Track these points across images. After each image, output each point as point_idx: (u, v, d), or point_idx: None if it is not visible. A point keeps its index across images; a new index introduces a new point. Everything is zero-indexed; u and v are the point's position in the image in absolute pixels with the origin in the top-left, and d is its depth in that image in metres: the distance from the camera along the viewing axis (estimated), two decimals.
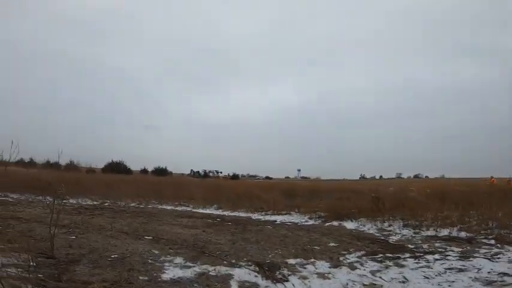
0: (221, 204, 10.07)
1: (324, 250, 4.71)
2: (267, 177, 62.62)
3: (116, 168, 30.13)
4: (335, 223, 7.20)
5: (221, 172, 47.52)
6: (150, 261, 3.60)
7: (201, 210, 8.91)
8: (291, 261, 4.08)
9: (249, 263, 3.84)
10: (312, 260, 4.15)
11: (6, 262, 2.57)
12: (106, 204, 9.33)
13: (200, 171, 46.78)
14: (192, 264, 3.63)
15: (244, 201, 10.84)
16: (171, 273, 3.28)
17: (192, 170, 46.86)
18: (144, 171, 37.89)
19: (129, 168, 33.41)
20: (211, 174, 45.67)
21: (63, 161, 32.91)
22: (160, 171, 38.08)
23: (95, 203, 9.43)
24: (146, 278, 3.03)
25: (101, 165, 32.93)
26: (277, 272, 3.59)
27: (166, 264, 3.54)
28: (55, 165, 33.03)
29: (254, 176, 67.21)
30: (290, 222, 7.50)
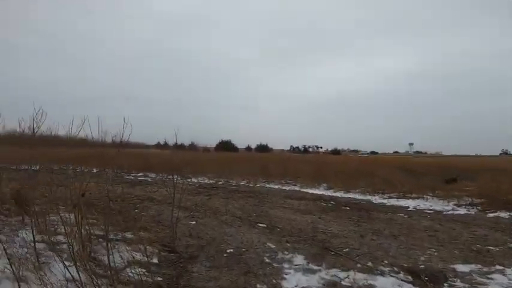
0: (330, 183, 9.12)
1: (507, 252, 3.24)
2: (373, 152, 56.79)
3: (226, 146, 33.19)
4: (503, 214, 5.19)
5: (321, 147, 46.08)
6: (266, 259, 3.10)
7: (310, 190, 8.23)
8: (461, 267, 2.90)
9: (394, 269, 2.86)
10: (497, 266, 2.83)
11: (131, 259, 2.46)
12: (220, 183, 9.85)
13: (300, 147, 46.70)
14: (316, 268, 2.93)
15: (357, 179, 9.55)
16: (293, 280, 2.67)
17: (291, 146, 47.31)
18: (248, 148, 40.56)
19: (235, 147, 36.34)
20: (310, 149, 44.92)
21: (187, 143, 38.93)
22: (263, 148, 39.88)
23: (211, 181, 10.12)
24: (265, 286, 2.51)
25: (214, 145, 37.17)
26: (445, 285, 2.52)
27: (286, 265, 2.96)
28: (181, 147, 39.70)
29: (356, 151, 62.21)
30: (429, 209, 5.90)
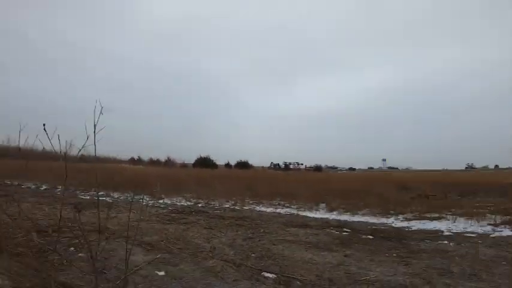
0: (330, 203, 7.76)
1: None
2: (351, 168, 57.17)
3: (205, 162, 31.17)
4: None
5: (302, 164, 45.32)
6: None
7: (310, 214, 6.78)
8: None
9: None
10: None
11: None
12: (200, 205, 8.13)
13: (280, 164, 45.58)
14: None
15: (357, 198, 8.30)
16: None
17: (272, 162, 46.08)
18: (228, 165, 38.72)
19: (215, 163, 34.39)
20: (291, 166, 43.96)
21: (162, 158, 36.43)
22: (243, 165, 38.28)
23: (189, 203, 8.37)
24: None
25: (192, 161, 34.96)
26: None
27: None
28: (156, 162, 37.02)
29: (334, 168, 62.46)
30: (468, 232, 4.67)
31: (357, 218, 6.23)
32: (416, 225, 5.38)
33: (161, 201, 8.91)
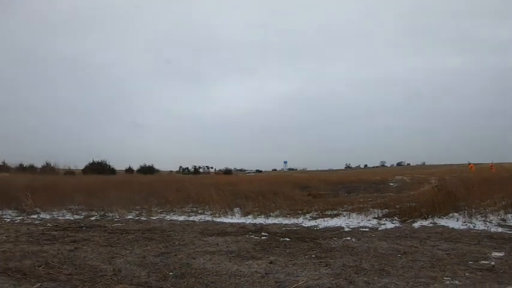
0: (244, 207, 7.74)
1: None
2: (258, 171, 60.55)
3: (99, 168, 26.73)
4: (426, 223, 5.29)
5: (212, 167, 44.89)
6: None
7: (225, 219, 6.51)
8: None
9: None
10: None
11: None
12: (93, 218, 6.71)
13: (189, 168, 43.85)
14: None
15: (269, 200, 8.61)
16: None
17: (180, 166, 43.84)
18: (130, 170, 34.54)
19: (112, 168, 30.03)
20: (201, 170, 42.88)
21: (39, 163, 29.17)
22: (147, 170, 35.00)
23: (77, 217, 6.78)
24: None
25: (82, 166, 29.32)
26: None
27: None
28: (29, 169, 29.07)
29: (243, 170, 64.82)
30: (362, 227, 5.36)
31: (271, 220, 6.35)
32: (322, 223, 5.87)
33: (35, 216, 6.92)
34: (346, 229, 5.29)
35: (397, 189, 11.91)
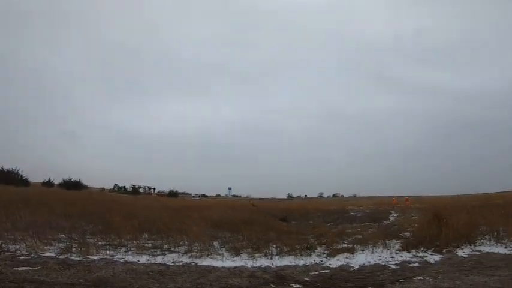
0: (229, 242, 5.66)
1: None
2: (203, 195, 56.30)
3: (4, 177, 20.48)
4: (467, 251, 4.32)
5: (154, 188, 39.43)
6: None
7: (214, 262, 4.31)
8: None
9: None
10: None
11: None
12: None
13: (126, 187, 37.82)
14: None
15: (248, 230, 6.70)
16: None
17: (116, 184, 37.44)
18: (49, 183, 27.75)
19: (25, 179, 23.49)
20: (141, 190, 37.10)
21: None
22: (72, 185, 28.68)
23: None
24: None
25: None
26: None
27: None
28: None
29: (187, 194, 59.85)
30: (408, 262, 4.02)
31: (278, 261, 4.43)
32: (349, 261, 4.29)
33: None
34: (393, 267, 3.81)
35: (370, 219, 11.03)
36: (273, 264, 4.20)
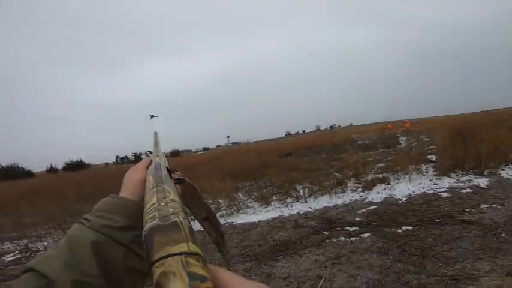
0: (251, 191, 5.55)
1: None
2: (205, 148, 57.22)
3: (10, 174, 20.21)
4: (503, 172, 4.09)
5: None
6: None
7: (242, 218, 4.22)
8: None
9: None
10: None
11: None
12: (10, 257, 3.64)
13: (128, 156, 37.82)
14: None
15: (266, 176, 6.63)
16: None
17: (117, 156, 37.33)
18: (53, 169, 27.67)
19: (28, 170, 23.25)
20: (143, 156, 36.97)
21: None
22: (76, 166, 28.70)
23: None
24: None
25: None
26: None
27: None
28: None
29: (188, 151, 60.57)
30: (456, 188, 3.86)
31: (315, 204, 4.32)
32: (392, 193, 4.16)
33: None
34: (445, 195, 3.70)
35: (382, 145, 11.04)
36: (311, 208, 4.09)
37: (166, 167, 0.42)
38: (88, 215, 0.37)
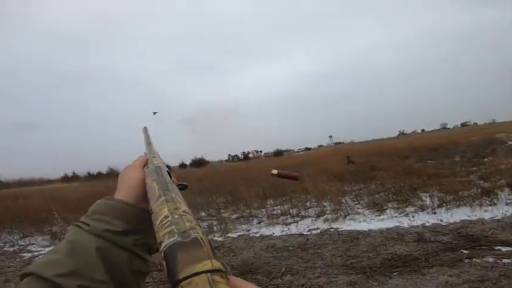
0: (357, 194, 4.82)
1: None
2: (307, 148, 57.18)
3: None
4: None
5: (261, 151, 42.48)
6: None
7: (350, 225, 3.66)
8: None
9: None
10: None
11: None
12: None
13: (238, 155, 42.25)
14: None
15: (377, 180, 5.62)
16: None
17: (229, 154, 42.43)
18: (183, 165, 34.13)
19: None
20: (250, 155, 40.87)
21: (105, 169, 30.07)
22: (199, 163, 34.13)
23: None
24: None
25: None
26: None
27: None
28: (98, 176, 30.42)
29: (288, 150, 61.92)
30: None
31: (447, 215, 3.33)
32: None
33: None
34: None
35: None
36: (442, 221, 3.17)
37: (167, 171, 0.39)
38: (85, 217, 0.35)
